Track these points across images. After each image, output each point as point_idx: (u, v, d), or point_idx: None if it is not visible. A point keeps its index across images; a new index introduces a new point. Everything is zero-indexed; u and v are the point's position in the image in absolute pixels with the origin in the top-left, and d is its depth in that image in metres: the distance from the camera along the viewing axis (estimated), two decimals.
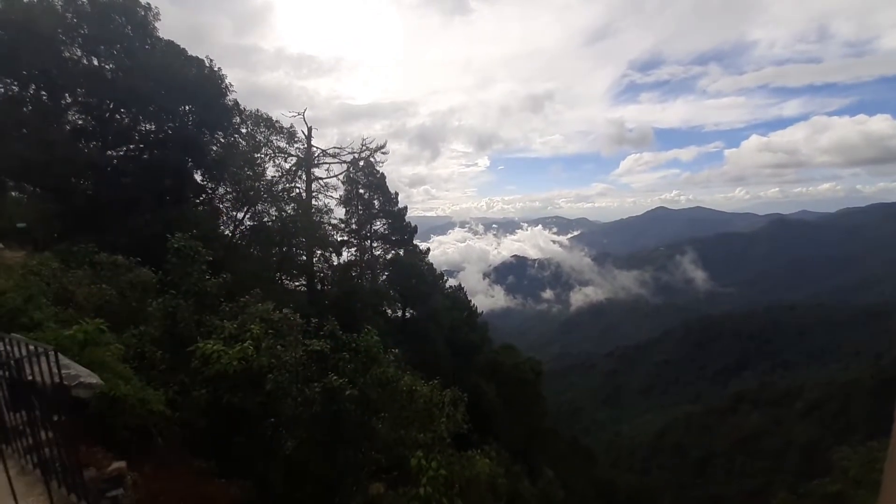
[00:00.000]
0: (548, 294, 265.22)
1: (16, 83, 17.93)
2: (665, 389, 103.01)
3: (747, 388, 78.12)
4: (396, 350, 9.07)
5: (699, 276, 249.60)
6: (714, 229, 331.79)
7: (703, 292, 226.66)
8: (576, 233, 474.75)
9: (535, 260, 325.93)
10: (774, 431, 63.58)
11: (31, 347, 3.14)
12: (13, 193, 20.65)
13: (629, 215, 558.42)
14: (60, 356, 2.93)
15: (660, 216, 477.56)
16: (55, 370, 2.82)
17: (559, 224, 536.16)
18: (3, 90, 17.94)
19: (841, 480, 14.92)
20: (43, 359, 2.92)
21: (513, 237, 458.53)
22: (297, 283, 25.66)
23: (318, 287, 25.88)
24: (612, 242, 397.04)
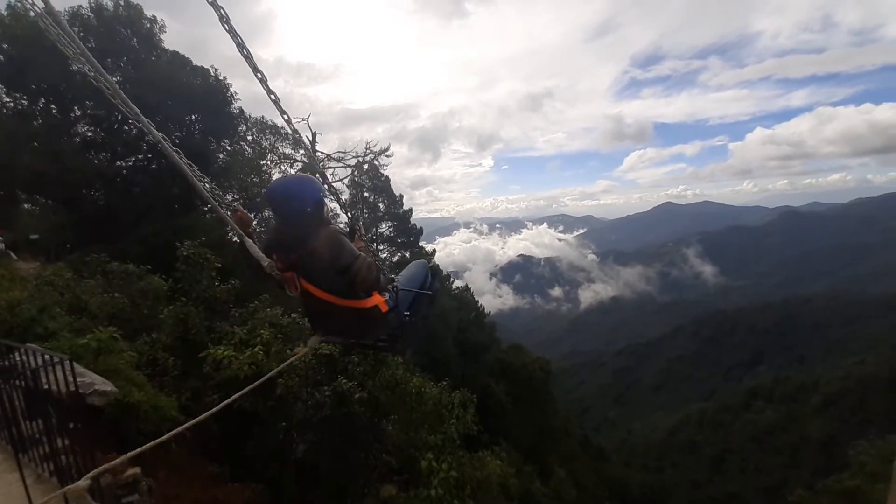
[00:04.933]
0: (556, 292, 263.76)
1: (25, 97, 18.24)
2: (677, 387, 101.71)
3: (761, 384, 76.88)
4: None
5: (708, 270, 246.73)
6: (723, 223, 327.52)
7: (714, 287, 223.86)
8: (582, 230, 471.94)
9: (541, 259, 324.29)
10: (790, 427, 62.50)
11: (47, 357, 3.21)
12: (25, 206, 21.06)
13: (636, 212, 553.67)
14: (75, 365, 2.98)
15: (667, 212, 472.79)
16: (70, 379, 2.88)
17: (565, 222, 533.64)
18: (13, 104, 18.27)
19: (858, 476, 14.62)
20: (58, 368, 2.99)
21: (518, 236, 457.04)
22: None
23: None
24: (620, 239, 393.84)
